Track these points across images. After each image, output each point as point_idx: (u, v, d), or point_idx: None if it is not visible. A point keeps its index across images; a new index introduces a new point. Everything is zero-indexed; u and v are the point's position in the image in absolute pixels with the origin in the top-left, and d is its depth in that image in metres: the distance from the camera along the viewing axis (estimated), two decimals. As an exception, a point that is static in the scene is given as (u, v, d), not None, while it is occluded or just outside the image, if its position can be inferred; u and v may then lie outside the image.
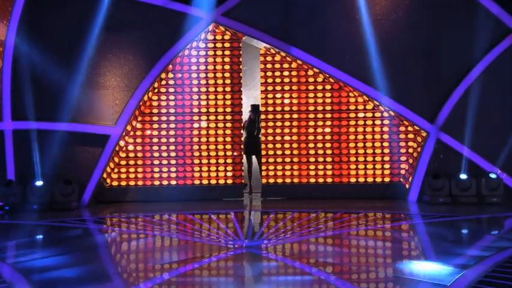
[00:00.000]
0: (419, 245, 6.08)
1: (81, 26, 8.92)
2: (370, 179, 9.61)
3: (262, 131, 9.75)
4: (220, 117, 9.67)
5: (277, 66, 9.72)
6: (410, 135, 9.52)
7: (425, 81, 9.07)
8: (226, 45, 9.74)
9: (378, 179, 9.60)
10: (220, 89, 9.71)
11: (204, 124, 9.62)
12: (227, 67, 9.73)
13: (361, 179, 9.63)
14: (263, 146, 9.72)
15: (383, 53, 9.09)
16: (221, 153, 9.68)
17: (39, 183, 8.70)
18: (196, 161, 9.64)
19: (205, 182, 9.63)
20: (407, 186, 9.28)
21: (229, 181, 9.67)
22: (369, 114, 9.57)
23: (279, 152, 9.71)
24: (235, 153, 9.64)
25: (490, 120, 9.05)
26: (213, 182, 9.66)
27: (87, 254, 5.58)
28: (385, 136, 9.53)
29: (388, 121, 9.51)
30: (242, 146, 9.83)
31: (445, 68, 9.08)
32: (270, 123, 9.73)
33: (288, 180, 9.68)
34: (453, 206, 8.50)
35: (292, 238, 6.08)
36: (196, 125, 9.65)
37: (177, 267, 4.97)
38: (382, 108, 9.39)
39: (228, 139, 9.68)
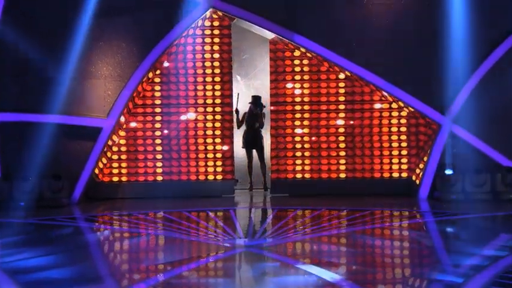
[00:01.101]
0: (430, 244, 6.06)
1: (70, 12, 8.89)
2: (377, 175, 9.60)
3: (271, 123, 9.74)
4: (209, 109, 9.66)
5: (288, 54, 9.69)
6: (421, 128, 9.50)
7: (437, 70, 9.01)
8: (216, 32, 9.71)
9: (386, 174, 9.59)
10: (217, 78, 9.69)
11: (192, 116, 9.62)
12: (217, 56, 9.70)
13: (368, 175, 9.63)
14: (272, 139, 9.72)
15: (391, 39, 9.06)
16: (210, 146, 9.67)
17: (27, 178, 8.69)
18: (191, 156, 9.66)
19: (193, 177, 9.66)
20: (417, 182, 9.26)
21: (219, 176, 9.67)
22: (386, 105, 9.53)
23: (289, 146, 9.70)
24: (224, 147, 9.64)
25: (507, 112, 9.01)
26: (202, 177, 9.68)
27: (78, 253, 5.58)
28: (401, 129, 9.51)
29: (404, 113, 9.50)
30: (242, 140, 9.89)
31: (459, 56, 9.02)
32: (280, 115, 9.72)
33: (298, 176, 9.68)
34: (466, 203, 8.47)
35: (295, 237, 6.08)
36: (190, 117, 9.65)
37: (172, 268, 4.96)
38: (391, 98, 9.36)
39: (218, 132, 9.67)
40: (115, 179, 9.68)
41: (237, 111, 9.98)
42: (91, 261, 5.40)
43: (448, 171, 8.82)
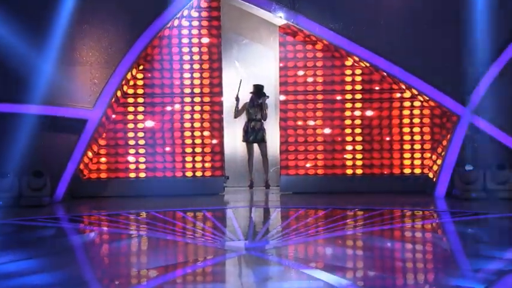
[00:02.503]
0: (448, 247, 6.05)
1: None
2: (388, 171, 9.65)
3: (281, 114, 9.76)
4: (197, 99, 9.68)
5: (300, 38, 9.66)
6: (437, 119, 9.47)
7: (456, 55, 8.97)
8: (204, 14, 9.74)
9: (398, 171, 9.62)
10: (205, 66, 9.75)
11: (178, 107, 9.66)
12: (205, 40, 9.72)
13: (378, 171, 9.67)
14: (282, 132, 9.74)
15: (406, 23, 9.03)
16: (198, 140, 9.69)
17: (4, 175, 8.66)
18: (177, 150, 9.74)
19: (179, 174, 9.75)
20: (434, 178, 9.25)
21: (208, 173, 9.71)
22: (407, 95, 9.50)
23: (300, 140, 9.69)
24: (214, 141, 9.65)
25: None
26: (189, 174, 9.74)
27: (61, 257, 5.57)
28: (414, 121, 9.53)
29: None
30: (242, 133, 9.91)
31: (480, 40, 8.98)
32: (290, 106, 9.70)
33: (311, 172, 9.72)
34: (488, 201, 8.46)
35: (300, 239, 6.07)
36: (175, 108, 9.71)
37: (165, 273, 4.95)
38: (404, 86, 9.34)
39: (206, 124, 9.68)
40: (102, 175, 9.67)
41: (237, 98, 9.96)
42: (76, 265, 5.39)
43: (468, 167, 8.80)
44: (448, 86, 9.03)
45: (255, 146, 10.07)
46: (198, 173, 9.76)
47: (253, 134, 9.96)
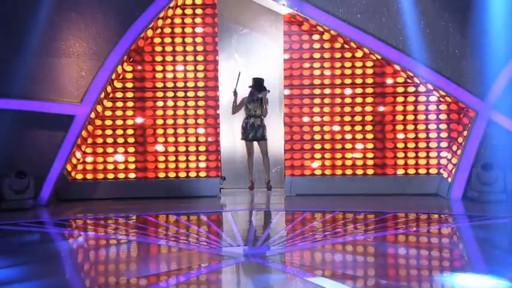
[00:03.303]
0: (464, 254, 6.04)
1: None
2: (401, 171, 9.61)
3: (285, 109, 9.73)
4: (191, 94, 9.70)
5: (306, 27, 9.63)
6: (454, 115, 9.45)
7: (473, 44, 8.93)
8: (198, 1, 9.75)
9: (411, 171, 9.61)
10: (200, 57, 9.75)
11: (170, 102, 9.68)
12: (199, 30, 9.74)
13: (390, 171, 9.65)
14: (286, 129, 9.74)
15: (419, 9, 9.01)
16: (192, 138, 9.72)
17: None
18: (172, 149, 9.76)
19: (172, 175, 9.76)
20: (449, 179, 9.23)
21: (203, 173, 9.73)
22: (421, 89, 9.49)
23: (306, 137, 9.70)
24: (209, 139, 9.67)
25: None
26: (182, 174, 9.74)
27: (46, 265, 5.56)
28: (429, 117, 9.52)
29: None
30: (241, 130, 9.90)
31: (500, 30, 8.94)
32: (296, 100, 9.71)
33: (317, 173, 9.72)
34: (508, 204, 8.45)
35: (305, 244, 6.05)
36: (168, 104, 9.73)
37: (158, 282, 4.93)
38: (418, 80, 9.32)
39: (201, 121, 9.71)
40: (88, 176, 9.65)
41: (235, 93, 9.93)
42: (61, 274, 5.38)
43: (487, 167, 8.76)
44: (465, 79, 8.99)
45: (255, 144, 10.04)
46: (192, 174, 9.76)
47: (253, 132, 9.92)
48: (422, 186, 9.48)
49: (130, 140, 9.71)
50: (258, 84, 9.93)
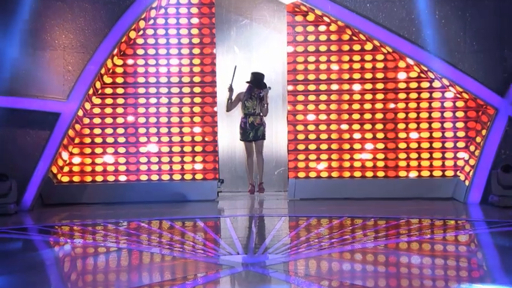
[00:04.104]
0: (484, 264, 6.02)
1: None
2: (414, 173, 9.64)
3: (289, 106, 9.73)
4: (186, 90, 9.72)
5: (311, 18, 9.63)
6: (471, 113, 9.43)
7: (493, 36, 8.92)
8: None
9: (425, 173, 9.57)
10: (196, 50, 9.79)
11: (164, 99, 9.71)
12: (195, 21, 9.77)
13: (403, 173, 9.66)
14: (290, 128, 9.74)
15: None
16: (187, 137, 9.73)
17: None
18: (166, 150, 9.79)
19: (166, 177, 9.79)
20: (466, 182, 9.22)
21: (199, 176, 9.72)
22: (436, 84, 9.49)
23: (312, 137, 9.69)
24: (206, 139, 9.70)
25: None
26: (177, 177, 9.76)
27: (29, 275, 5.53)
28: (445, 115, 9.54)
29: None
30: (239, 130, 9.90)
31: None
32: (300, 97, 9.69)
33: (324, 175, 9.71)
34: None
35: (310, 252, 6.04)
36: (161, 101, 9.77)
37: (149, 293, 4.91)
38: (432, 75, 9.31)
39: (197, 119, 9.71)
40: (75, 179, 9.65)
41: (231, 88, 9.87)
42: (46, 286, 5.36)
43: (507, 169, 8.75)
44: (484, 74, 8.98)
45: (254, 145, 10.06)
46: (188, 176, 9.75)
47: (253, 131, 9.89)
48: (437, 189, 9.49)
49: (121, 139, 9.71)
50: (257, 81, 9.86)
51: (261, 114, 9.94)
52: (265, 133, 9.99)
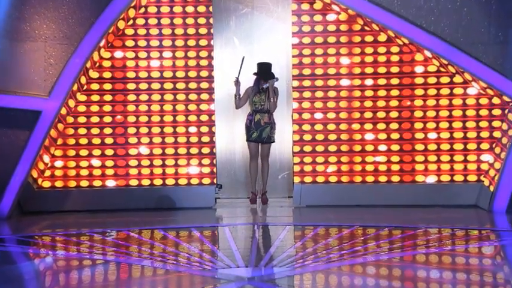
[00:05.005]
0: (511, 279, 6.00)
1: None
2: (432, 178, 9.64)
3: (295, 103, 9.70)
4: (181, 86, 9.73)
5: (318, 6, 9.65)
6: (496, 111, 9.43)
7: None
8: None
9: (445, 178, 9.58)
10: (191, 42, 9.78)
11: (156, 96, 9.72)
12: (190, 9, 9.75)
13: (420, 178, 9.66)
14: (296, 127, 9.71)
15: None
16: (182, 138, 9.74)
17: None
18: (158, 152, 9.77)
19: (158, 182, 9.77)
20: (491, 188, 9.22)
21: (195, 181, 9.73)
22: (458, 79, 9.49)
23: (319, 137, 9.70)
24: (203, 140, 9.71)
25: None
26: (171, 182, 9.74)
27: (5, 290, 5.52)
28: (467, 113, 9.53)
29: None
30: (245, 129, 9.82)
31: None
32: (306, 94, 9.72)
33: (332, 179, 9.72)
34: None
35: (318, 265, 6.03)
36: (153, 98, 9.77)
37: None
38: (453, 68, 9.30)
39: (193, 118, 9.72)
40: (59, 184, 9.66)
41: (237, 82, 9.67)
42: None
43: None
44: (511, 68, 8.97)
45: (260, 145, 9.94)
46: (182, 181, 9.75)
47: (257, 131, 9.67)
48: (458, 196, 9.47)
49: (109, 140, 9.70)
50: (264, 71, 9.73)
51: (270, 111, 9.73)
52: (273, 135, 9.75)
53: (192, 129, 9.76)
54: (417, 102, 9.62)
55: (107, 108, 9.71)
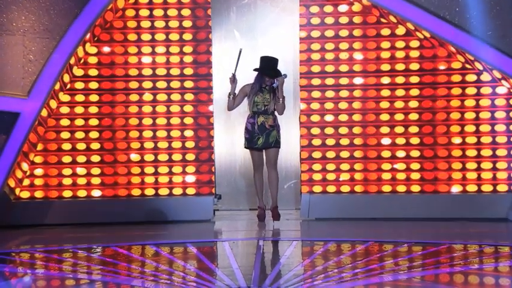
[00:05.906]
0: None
1: None
2: (457, 188, 9.64)
3: (302, 104, 9.72)
4: (176, 85, 9.76)
5: None
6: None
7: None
8: None
9: (471, 187, 9.56)
10: (187, 36, 9.82)
11: (148, 96, 9.72)
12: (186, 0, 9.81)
13: (444, 188, 9.70)
14: (304, 131, 9.72)
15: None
16: (177, 143, 9.75)
17: None
18: (150, 158, 9.82)
19: (150, 192, 9.79)
20: (521, 198, 9.25)
21: (191, 190, 9.72)
22: (486, 77, 9.51)
23: (330, 142, 9.70)
24: (200, 145, 9.74)
25: None
26: (164, 192, 9.76)
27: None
28: (495, 115, 9.54)
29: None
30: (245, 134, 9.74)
31: None
32: (315, 94, 9.72)
33: (345, 190, 9.71)
34: None
35: (327, 285, 6.00)
36: (145, 98, 9.83)
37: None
38: (480, 65, 9.29)
39: (189, 120, 9.73)
40: (39, 194, 9.66)
41: (234, 79, 9.51)
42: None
43: None
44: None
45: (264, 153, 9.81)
46: (177, 191, 9.77)
47: (263, 136, 9.46)
48: (487, 208, 9.47)
49: (95, 146, 9.73)
50: (270, 67, 9.46)
51: (276, 113, 9.48)
52: (279, 139, 9.45)
53: (188, 133, 9.78)
54: (440, 103, 9.65)
55: (93, 109, 9.72)
